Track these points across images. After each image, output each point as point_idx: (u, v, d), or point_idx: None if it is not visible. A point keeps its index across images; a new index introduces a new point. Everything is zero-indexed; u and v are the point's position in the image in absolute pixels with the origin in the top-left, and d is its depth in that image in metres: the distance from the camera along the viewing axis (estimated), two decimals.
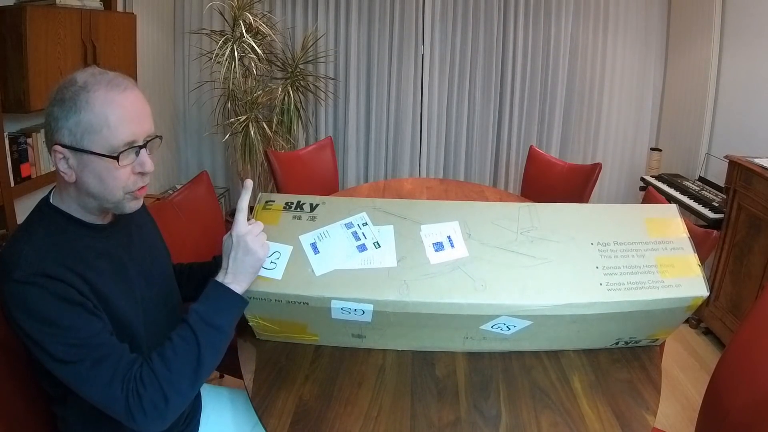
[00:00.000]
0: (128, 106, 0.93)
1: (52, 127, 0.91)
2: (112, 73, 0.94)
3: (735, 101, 3.06)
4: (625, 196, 3.98)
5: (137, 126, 0.94)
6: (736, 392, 1.16)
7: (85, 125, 0.89)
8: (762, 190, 2.29)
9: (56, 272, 0.86)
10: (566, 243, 1.15)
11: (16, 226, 0.96)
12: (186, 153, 3.91)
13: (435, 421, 1.03)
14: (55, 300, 0.85)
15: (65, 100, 0.89)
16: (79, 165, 0.91)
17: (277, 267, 1.09)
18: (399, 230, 1.16)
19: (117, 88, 0.92)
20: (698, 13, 3.33)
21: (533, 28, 3.66)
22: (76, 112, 0.89)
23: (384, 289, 1.07)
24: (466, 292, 1.07)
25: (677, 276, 1.11)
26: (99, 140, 0.90)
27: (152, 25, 3.38)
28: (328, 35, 3.65)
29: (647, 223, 1.19)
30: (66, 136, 0.90)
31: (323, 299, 1.07)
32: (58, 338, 0.85)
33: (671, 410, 2.17)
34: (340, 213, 1.19)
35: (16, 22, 2.03)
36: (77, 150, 0.90)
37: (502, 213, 1.21)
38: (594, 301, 1.07)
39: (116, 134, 0.91)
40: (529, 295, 1.07)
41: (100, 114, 0.89)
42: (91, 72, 0.93)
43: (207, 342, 0.93)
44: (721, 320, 2.56)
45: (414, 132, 3.81)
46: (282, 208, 1.20)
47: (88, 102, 0.89)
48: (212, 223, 1.93)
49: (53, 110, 0.91)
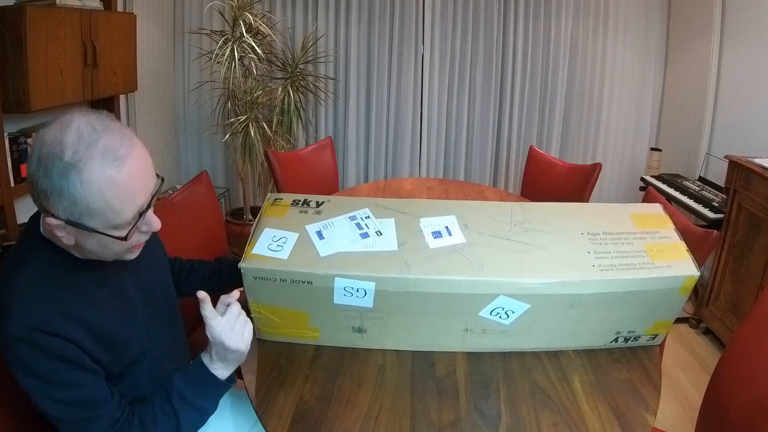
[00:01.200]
0: (131, 182, 0.82)
1: (39, 195, 0.80)
2: (106, 135, 0.80)
3: (735, 101, 3.06)
4: (625, 196, 3.98)
5: (142, 196, 0.85)
6: (736, 392, 1.16)
7: (83, 208, 0.79)
8: (762, 190, 2.29)
9: (51, 325, 0.81)
10: (558, 233, 1.22)
11: (7, 258, 0.90)
12: (186, 153, 3.91)
13: (435, 421, 1.03)
14: (48, 358, 0.82)
15: (52, 177, 0.77)
16: (80, 234, 0.83)
17: (283, 249, 1.14)
18: (399, 222, 1.24)
19: (115, 162, 0.79)
20: (698, 13, 3.33)
21: (533, 28, 3.66)
22: (70, 194, 0.78)
23: (386, 268, 1.11)
24: (464, 270, 1.11)
25: (667, 259, 1.15)
26: (101, 221, 0.82)
27: (152, 25, 3.38)
28: (328, 35, 3.65)
29: (633, 218, 1.27)
30: (61, 211, 0.80)
31: (327, 277, 1.09)
32: (49, 395, 0.84)
33: (671, 410, 2.17)
34: (343, 208, 1.27)
35: (16, 22, 2.03)
36: (77, 226, 0.81)
37: (496, 209, 1.30)
38: (588, 279, 1.11)
39: (121, 215, 0.82)
40: (525, 273, 1.11)
41: (98, 199, 0.79)
42: (77, 133, 0.78)
43: (186, 420, 0.96)
44: (721, 320, 2.56)
45: (414, 132, 3.81)
46: (290, 204, 1.28)
47: (82, 184, 0.77)
48: (212, 223, 1.93)
49: (39, 180, 0.78)
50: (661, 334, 1.26)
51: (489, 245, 1.17)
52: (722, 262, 2.58)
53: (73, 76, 2.35)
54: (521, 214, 1.27)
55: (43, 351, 0.82)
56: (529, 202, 1.30)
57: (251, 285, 1.13)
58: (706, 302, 2.70)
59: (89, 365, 0.87)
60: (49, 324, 0.82)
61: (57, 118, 0.82)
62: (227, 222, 3.50)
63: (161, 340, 1.05)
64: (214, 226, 1.93)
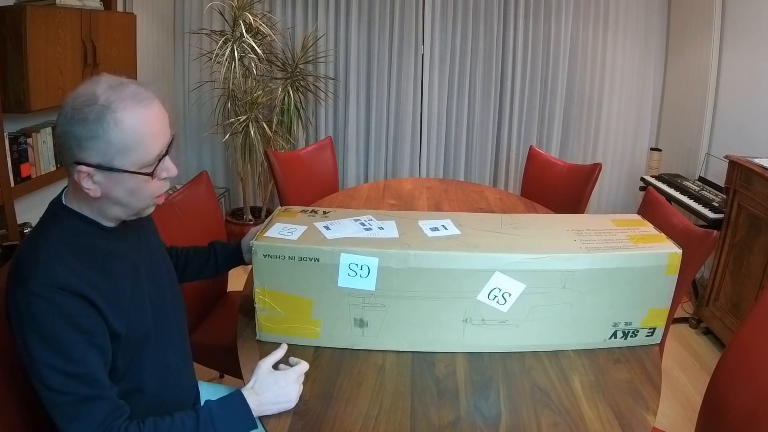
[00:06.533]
0: (157, 120, 0.91)
1: (72, 146, 0.87)
2: (131, 85, 0.90)
3: (735, 101, 3.06)
4: (625, 196, 3.99)
5: (164, 137, 0.94)
6: (736, 392, 1.16)
7: (117, 146, 0.87)
8: (762, 190, 2.29)
9: (71, 284, 0.85)
10: (544, 230, 1.33)
11: (26, 231, 0.94)
12: (186, 153, 3.91)
13: (435, 421, 1.03)
14: (64, 322, 0.84)
15: (88, 120, 0.85)
16: (108, 182, 0.89)
17: (293, 235, 1.23)
18: (400, 222, 1.35)
19: (143, 102, 0.89)
20: (698, 13, 3.33)
21: (533, 28, 3.66)
22: (105, 133, 0.86)
23: (388, 246, 1.19)
24: (460, 248, 1.21)
25: (649, 242, 1.25)
26: (132, 159, 0.89)
27: (152, 25, 3.38)
28: (328, 35, 3.65)
29: (614, 221, 1.39)
30: (93, 156, 0.87)
31: (334, 253, 1.17)
32: (55, 362, 0.83)
33: (671, 410, 2.17)
34: (349, 214, 1.39)
35: (16, 22, 2.03)
36: (108, 169, 0.88)
37: (487, 216, 1.45)
38: (577, 256, 1.18)
39: (149, 151, 0.90)
40: (517, 250, 1.20)
41: (132, 134, 0.87)
42: (107, 84, 0.88)
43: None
44: (721, 320, 2.56)
45: (414, 132, 3.81)
46: (299, 212, 1.41)
47: (117, 123, 0.86)
48: (212, 223, 1.93)
49: (73, 129, 0.86)
50: (659, 329, 1.27)
51: (482, 236, 1.28)
52: (722, 262, 2.58)
53: (73, 76, 2.35)
54: (510, 220, 1.40)
55: (62, 313, 0.84)
56: (518, 214, 1.45)
57: (260, 264, 1.18)
58: (706, 302, 2.70)
59: (103, 344, 0.88)
60: (73, 284, 0.85)
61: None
62: (227, 222, 3.50)
63: (165, 326, 1.06)
64: (214, 226, 1.94)
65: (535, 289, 1.18)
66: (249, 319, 1.29)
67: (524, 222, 1.37)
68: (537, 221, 1.39)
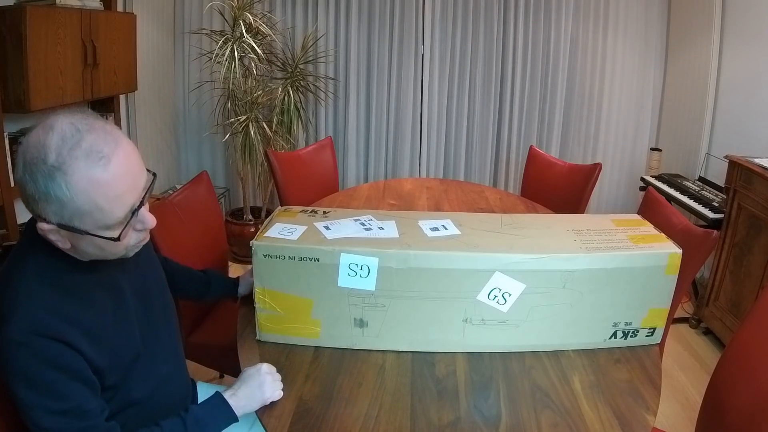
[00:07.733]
0: (117, 181, 0.80)
1: (30, 202, 0.79)
2: (90, 134, 0.78)
3: (735, 101, 3.06)
4: (625, 196, 3.98)
5: (131, 194, 0.83)
6: (736, 392, 1.16)
7: (72, 211, 0.78)
8: (762, 190, 2.29)
9: (52, 329, 0.80)
10: (544, 230, 1.33)
11: (8, 259, 0.88)
12: (186, 153, 3.91)
13: (435, 421, 1.03)
14: (45, 366, 0.81)
15: (38, 181, 0.76)
16: (73, 238, 0.82)
17: (293, 235, 1.24)
18: (400, 222, 1.35)
19: (99, 162, 0.77)
20: (698, 13, 3.33)
21: (533, 28, 3.66)
22: (57, 198, 0.77)
23: (388, 246, 1.19)
24: (460, 248, 1.21)
25: (649, 242, 1.25)
26: (92, 222, 0.80)
27: (152, 25, 3.38)
28: (328, 35, 3.65)
29: (614, 221, 1.39)
30: (51, 216, 0.79)
31: (334, 253, 1.17)
32: (43, 403, 0.82)
33: (671, 410, 2.17)
34: (348, 214, 1.39)
35: (16, 22, 2.03)
36: (70, 229, 0.80)
37: (487, 217, 1.45)
38: (577, 256, 1.18)
39: (111, 215, 0.81)
40: (517, 250, 1.20)
41: (85, 201, 0.77)
42: (60, 135, 0.76)
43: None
44: (721, 320, 2.56)
45: (414, 132, 3.81)
46: (299, 212, 1.41)
47: (68, 187, 0.76)
48: (212, 223, 1.93)
49: (26, 187, 0.78)
50: (659, 329, 1.27)
51: (482, 236, 1.28)
52: (722, 262, 2.58)
53: (73, 76, 2.35)
54: (510, 219, 1.41)
55: (42, 358, 0.80)
56: (518, 214, 1.43)
57: (260, 264, 1.18)
58: (706, 302, 2.70)
59: (87, 376, 0.86)
60: (50, 328, 0.81)
61: (40, 122, 0.79)
62: (227, 222, 3.50)
63: (155, 341, 1.04)
64: (214, 226, 1.93)
65: (535, 289, 1.18)
66: (249, 320, 1.29)
67: (524, 222, 1.38)
68: (537, 221, 1.40)
